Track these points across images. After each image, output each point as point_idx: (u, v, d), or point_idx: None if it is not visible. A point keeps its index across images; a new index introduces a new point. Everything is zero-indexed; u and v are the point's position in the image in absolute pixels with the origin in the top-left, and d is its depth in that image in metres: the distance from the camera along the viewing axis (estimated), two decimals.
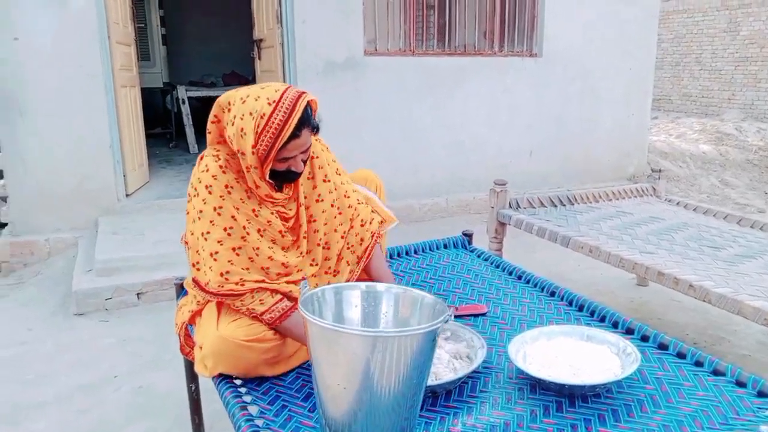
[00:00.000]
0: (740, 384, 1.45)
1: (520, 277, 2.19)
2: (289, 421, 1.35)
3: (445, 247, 2.53)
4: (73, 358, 2.72)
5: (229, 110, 1.56)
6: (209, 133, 1.65)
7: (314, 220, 1.73)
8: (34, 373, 2.60)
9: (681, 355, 1.60)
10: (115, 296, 3.23)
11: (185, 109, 6.19)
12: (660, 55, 11.66)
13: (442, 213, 4.95)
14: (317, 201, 1.74)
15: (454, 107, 4.94)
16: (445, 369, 1.48)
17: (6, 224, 3.95)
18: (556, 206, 3.16)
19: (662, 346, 1.64)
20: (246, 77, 7.16)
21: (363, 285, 1.32)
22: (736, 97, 10.91)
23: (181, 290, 1.95)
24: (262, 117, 1.48)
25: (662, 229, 2.78)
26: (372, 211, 1.91)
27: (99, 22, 3.80)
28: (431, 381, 1.40)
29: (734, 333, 2.89)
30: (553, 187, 5.33)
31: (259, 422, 1.33)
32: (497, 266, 2.32)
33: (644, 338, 1.69)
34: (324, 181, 1.75)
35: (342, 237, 1.80)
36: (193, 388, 2.03)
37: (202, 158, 1.63)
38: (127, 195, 4.18)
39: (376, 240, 1.86)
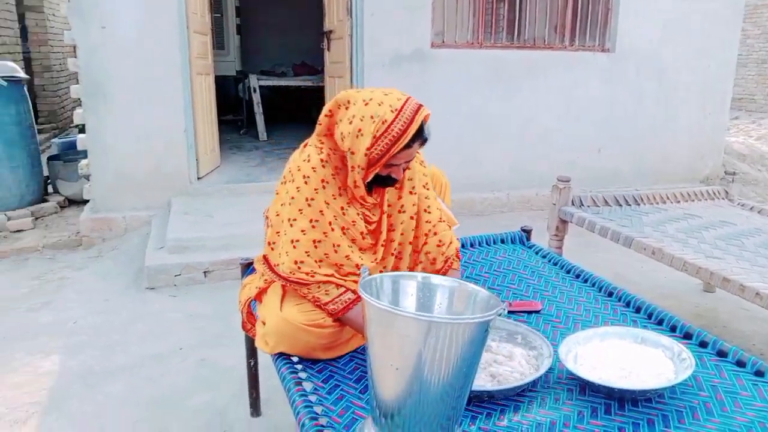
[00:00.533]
0: None
1: (578, 276, 2.17)
2: (340, 400, 1.42)
3: (503, 241, 2.53)
4: (143, 329, 2.90)
5: (347, 108, 1.61)
6: (319, 124, 1.69)
7: (392, 230, 1.77)
8: (109, 341, 2.78)
9: (740, 364, 1.55)
10: (183, 273, 3.40)
11: (256, 97, 6.37)
12: (745, 52, 11.06)
13: (502, 208, 4.92)
14: (399, 211, 1.77)
15: (522, 101, 4.89)
16: (513, 374, 1.49)
17: (88, 201, 4.22)
18: (621, 206, 3.10)
19: (721, 353, 1.60)
20: (315, 68, 7.29)
21: (419, 276, 1.36)
22: None
23: (246, 269, 2.05)
24: (383, 123, 1.53)
25: (732, 234, 2.67)
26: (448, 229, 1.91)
27: (179, 12, 3.98)
28: (495, 386, 1.43)
29: None
30: (621, 186, 5.19)
31: (313, 398, 1.40)
32: (555, 263, 2.31)
33: (702, 344, 1.65)
34: (410, 193, 1.78)
35: (415, 251, 1.83)
36: (252, 363, 2.13)
37: (305, 146, 1.70)
38: (198, 178, 4.37)
39: (449, 265, 1.84)
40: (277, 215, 1.67)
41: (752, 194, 5.60)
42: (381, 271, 1.75)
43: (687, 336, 1.70)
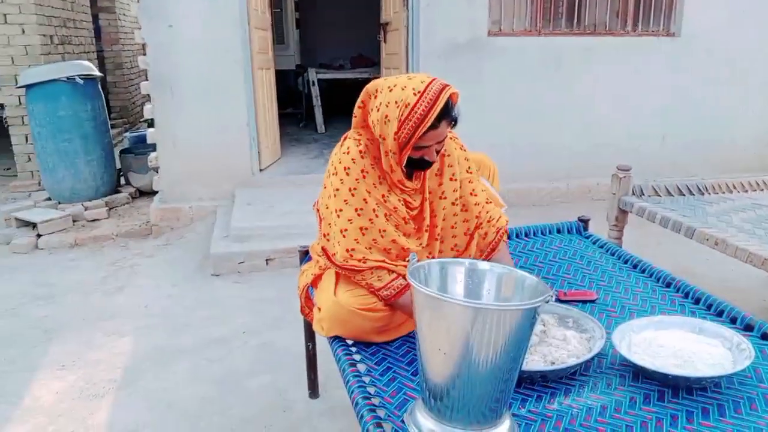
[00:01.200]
0: None
1: (635, 266, 2.14)
2: (393, 382, 1.47)
3: (559, 231, 2.52)
4: (208, 314, 3.05)
5: (375, 97, 1.67)
6: (355, 117, 1.76)
7: (434, 216, 1.81)
8: (177, 324, 2.94)
9: None
10: (246, 261, 3.54)
11: (315, 90, 6.50)
12: None
13: (561, 198, 4.84)
14: (440, 198, 1.81)
15: (582, 89, 4.78)
16: (570, 359, 1.50)
17: (157, 192, 4.43)
18: (683, 195, 3.01)
19: None
20: (372, 60, 7.35)
21: (467, 262, 1.39)
22: None
23: (305, 256, 2.13)
24: (406, 106, 1.58)
25: None
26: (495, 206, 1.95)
27: (240, 9, 4.11)
28: (548, 366, 1.45)
29: None
30: (686, 175, 5.00)
31: (366, 379, 1.46)
32: (612, 254, 2.27)
33: (765, 336, 1.61)
34: (451, 179, 1.82)
35: (466, 233, 1.86)
36: (310, 346, 2.21)
37: (345, 139, 1.77)
38: (260, 170, 4.52)
39: (500, 236, 1.88)
40: (327, 208, 1.75)
41: None
42: (428, 256, 1.80)
43: (748, 328, 1.65)
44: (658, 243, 3.74)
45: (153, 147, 4.33)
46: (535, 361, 1.48)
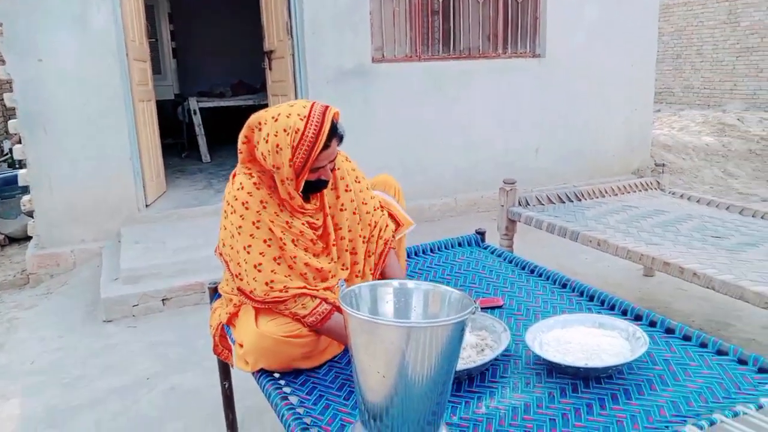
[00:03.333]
0: (742, 362, 1.57)
1: (532, 271, 2.31)
2: (327, 409, 1.47)
3: (460, 245, 2.65)
4: (105, 363, 2.85)
5: (259, 129, 1.68)
6: (240, 152, 1.75)
7: (339, 228, 1.85)
8: (70, 378, 2.72)
9: (687, 338, 1.71)
10: (141, 303, 3.36)
11: (197, 119, 6.32)
12: (661, 49, 11.72)
13: (451, 212, 5.07)
14: (341, 210, 1.86)
15: (461, 109, 5.06)
16: (477, 354, 1.60)
17: (30, 238, 4.09)
18: (564, 202, 3.28)
19: (669, 331, 1.76)
20: (254, 86, 7.29)
21: (396, 282, 1.44)
22: (738, 87, 10.99)
23: (215, 293, 2.07)
24: (296, 132, 1.60)
25: (667, 221, 2.88)
26: (389, 216, 2.03)
27: (117, 41, 3.94)
28: (466, 365, 1.53)
29: (739, 318, 3.00)
30: (559, 183, 5.44)
31: (300, 410, 1.45)
32: (510, 262, 2.43)
33: (652, 324, 1.80)
34: (345, 190, 1.87)
35: (363, 242, 1.91)
36: (226, 385, 2.14)
37: (234, 176, 1.75)
38: (146, 205, 4.31)
39: (389, 247, 1.96)
40: (232, 248, 1.72)
41: (679, 182, 5.98)
42: (342, 268, 1.84)
43: (637, 318, 1.85)
44: (541, 247, 4.03)
45: (24, 189, 3.99)
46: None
